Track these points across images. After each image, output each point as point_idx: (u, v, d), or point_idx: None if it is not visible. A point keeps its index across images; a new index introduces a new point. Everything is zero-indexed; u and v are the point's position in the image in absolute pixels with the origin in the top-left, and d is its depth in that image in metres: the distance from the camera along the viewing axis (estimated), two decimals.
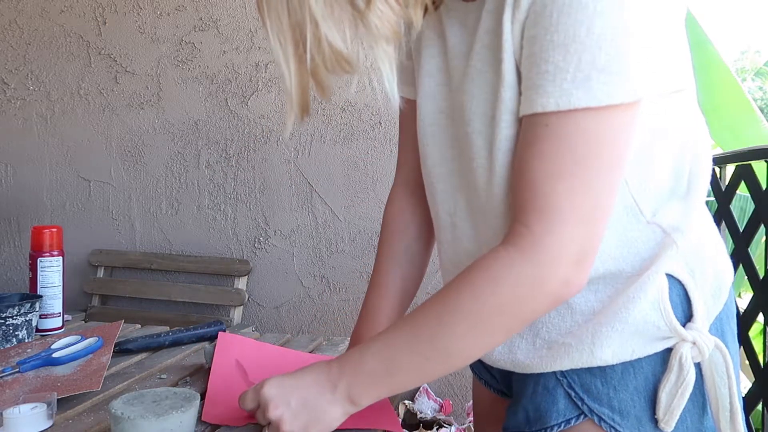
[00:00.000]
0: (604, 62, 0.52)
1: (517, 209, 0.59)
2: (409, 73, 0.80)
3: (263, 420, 0.69)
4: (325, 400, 0.66)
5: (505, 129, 0.60)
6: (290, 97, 0.62)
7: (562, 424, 0.64)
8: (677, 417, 0.60)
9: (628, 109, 0.55)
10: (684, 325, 0.61)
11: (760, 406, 1.33)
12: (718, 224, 1.54)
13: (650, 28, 0.54)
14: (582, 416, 0.63)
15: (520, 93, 0.59)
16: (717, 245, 0.68)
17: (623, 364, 0.62)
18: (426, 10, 0.61)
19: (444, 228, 0.73)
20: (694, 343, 0.60)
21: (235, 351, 0.99)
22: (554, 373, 0.65)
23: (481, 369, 0.84)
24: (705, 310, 0.63)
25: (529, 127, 0.58)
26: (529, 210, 0.57)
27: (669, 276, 0.61)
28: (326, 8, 0.55)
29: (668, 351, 0.62)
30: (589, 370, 0.63)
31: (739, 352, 0.72)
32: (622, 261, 0.62)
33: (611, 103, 0.53)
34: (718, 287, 0.66)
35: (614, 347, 0.61)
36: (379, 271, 0.86)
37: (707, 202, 0.69)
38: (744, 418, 0.63)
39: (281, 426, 0.66)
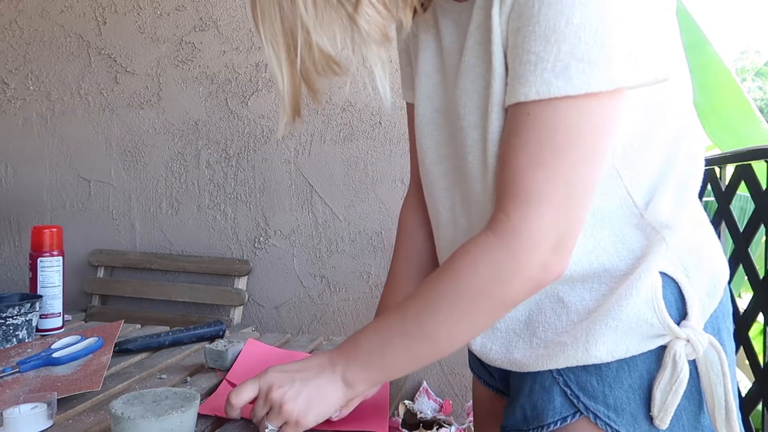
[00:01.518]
0: (583, 52, 0.53)
1: (498, 196, 0.61)
2: (411, 78, 0.81)
3: (262, 407, 0.70)
4: (326, 379, 0.69)
5: (496, 120, 0.61)
6: (283, 100, 0.64)
7: (559, 422, 0.64)
8: (671, 414, 0.61)
9: (609, 99, 0.56)
10: (678, 323, 0.62)
11: (760, 406, 1.33)
12: (718, 224, 1.54)
13: (633, 18, 0.54)
14: (578, 414, 0.64)
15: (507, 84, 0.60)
16: (712, 244, 0.68)
17: (618, 361, 0.63)
18: (415, 12, 0.63)
19: (445, 225, 0.74)
20: (688, 341, 0.61)
21: (257, 359, 1.00)
22: (550, 371, 0.66)
23: (479, 368, 0.85)
24: (700, 308, 0.63)
25: (512, 117, 0.59)
26: (509, 197, 0.59)
27: (663, 274, 0.62)
28: (317, 14, 0.58)
29: (662, 348, 0.62)
30: (585, 368, 0.64)
31: (735, 350, 0.72)
32: (615, 256, 0.63)
33: (589, 91, 0.54)
34: (714, 285, 0.66)
35: (608, 345, 0.62)
36: (394, 273, 0.87)
37: (707, 203, 0.69)
38: (740, 416, 0.63)
39: (284, 404, 0.67)
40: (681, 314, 0.63)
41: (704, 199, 1.55)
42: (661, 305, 0.61)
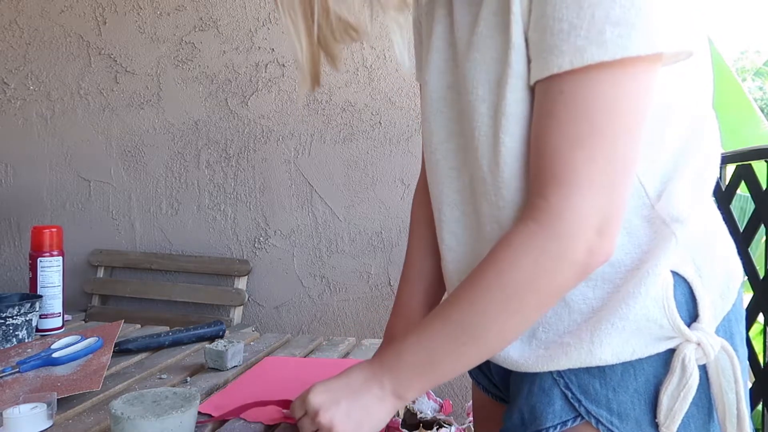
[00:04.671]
0: (619, 15, 0.51)
1: (534, 181, 0.58)
2: (422, 58, 0.80)
3: (309, 428, 0.68)
4: (374, 397, 0.66)
5: (511, 93, 0.59)
6: (302, 69, 0.64)
7: (558, 426, 0.62)
8: (679, 421, 0.58)
9: (645, 68, 0.53)
10: (689, 325, 0.59)
11: (760, 406, 1.33)
12: None
13: None
14: (579, 418, 0.61)
15: (527, 58, 0.58)
16: (726, 243, 0.66)
17: (623, 364, 0.60)
18: None
19: (450, 206, 0.71)
20: (698, 345, 0.58)
21: (275, 370, 1.01)
22: (551, 372, 0.63)
23: (478, 374, 0.83)
24: (712, 310, 0.60)
25: (544, 96, 0.56)
26: (547, 181, 0.56)
27: (674, 273, 0.59)
28: None
29: (671, 352, 0.59)
30: (588, 371, 0.61)
31: (747, 355, 0.69)
32: (621, 250, 0.60)
33: (626, 56, 0.51)
34: (727, 286, 0.63)
35: (614, 346, 0.59)
36: (409, 264, 0.85)
37: None
38: (752, 423, 0.61)
39: (334, 428, 0.66)
40: (692, 316, 0.60)
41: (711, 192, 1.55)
42: (671, 305, 0.58)
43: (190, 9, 2.33)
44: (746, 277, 1.39)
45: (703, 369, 0.60)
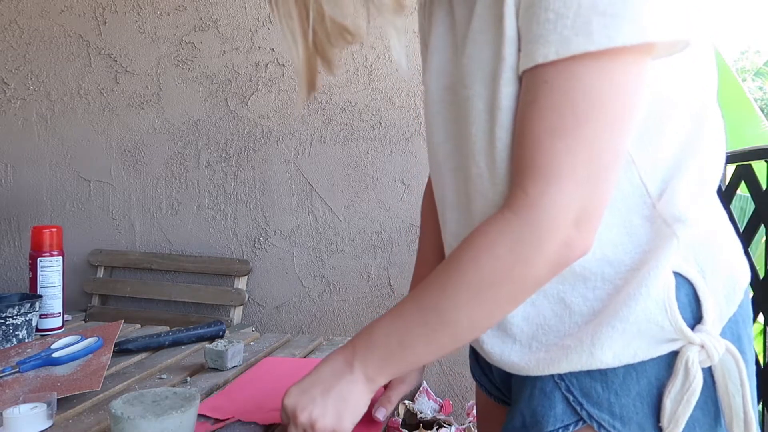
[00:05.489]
0: (606, 5, 0.51)
1: (515, 172, 0.57)
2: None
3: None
4: (345, 382, 0.66)
5: (505, 87, 0.58)
6: (299, 75, 0.64)
7: (560, 430, 0.61)
8: (683, 425, 0.57)
9: (632, 60, 0.53)
10: (693, 327, 0.58)
11: (760, 406, 1.33)
12: None
13: None
14: (581, 422, 0.60)
15: (520, 50, 0.57)
16: (731, 243, 0.64)
17: (625, 367, 0.59)
18: None
19: (451, 206, 0.71)
20: (702, 347, 0.57)
21: (267, 370, 1.01)
22: (552, 376, 0.62)
23: (481, 376, 0.82)
24: (717, 312, 0.59)
25: (528, 86, 0.56)
26: (527, 171, 0.55)
27: (677, 274, 0.58)
28: None
29: (674, 354, 0.58)
30: (589, 374, 0.60)
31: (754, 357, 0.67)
32: (621, 249, 0.59)
33: (611, 46, 0.51)
34: (732, 288, 0.62)
35: (615, 348, 0.58)
36: (420, 264, 0.85)
37: None
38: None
39: (315, 424, 0.65)
40: (695, 317, 0.59)
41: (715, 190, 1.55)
42: (673, 307, 0.57)
43: (190, 9, 2.33)
44: None
45: (709, 372, 0.59)
